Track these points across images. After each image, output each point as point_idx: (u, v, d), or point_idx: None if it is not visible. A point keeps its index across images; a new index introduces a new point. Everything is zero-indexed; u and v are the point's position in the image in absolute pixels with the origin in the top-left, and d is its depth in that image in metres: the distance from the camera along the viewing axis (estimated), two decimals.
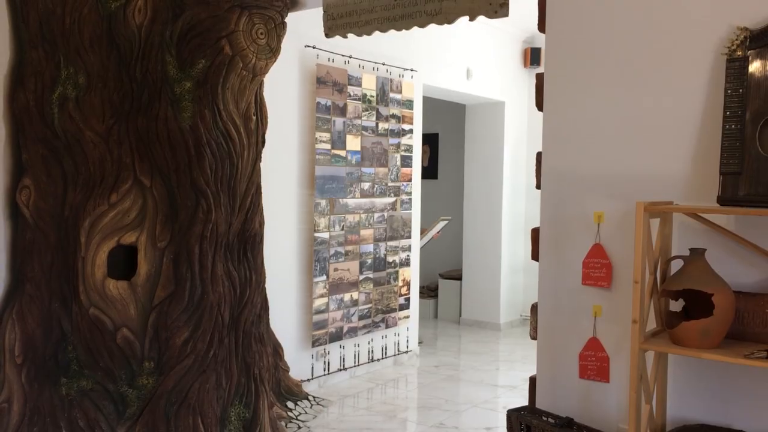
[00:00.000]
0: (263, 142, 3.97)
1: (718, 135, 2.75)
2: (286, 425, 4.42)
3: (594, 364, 3.19)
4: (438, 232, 7.51)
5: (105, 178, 3.59)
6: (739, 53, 2.70)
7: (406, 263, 6.42)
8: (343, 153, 5.67)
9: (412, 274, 6.56)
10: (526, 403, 3.49)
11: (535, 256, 3.45)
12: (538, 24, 3.43)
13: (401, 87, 6.26)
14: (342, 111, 5.64)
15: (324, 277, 5.51)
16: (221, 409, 3.60)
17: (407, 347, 6.55)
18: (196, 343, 3.57)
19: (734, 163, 2.64)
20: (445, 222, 7.49)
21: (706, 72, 2.87)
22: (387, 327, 6.21)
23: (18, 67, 3.71)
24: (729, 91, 2.69)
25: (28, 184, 3.66)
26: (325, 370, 5.64)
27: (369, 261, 5.91)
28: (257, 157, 3.86)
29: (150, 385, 3.56)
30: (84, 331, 3.55)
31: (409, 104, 6.37)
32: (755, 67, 2.67)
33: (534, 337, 3.47)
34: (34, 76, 3.65)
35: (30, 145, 3.67)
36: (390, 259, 6.20)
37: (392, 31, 3.96)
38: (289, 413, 4.68)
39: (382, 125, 6.07)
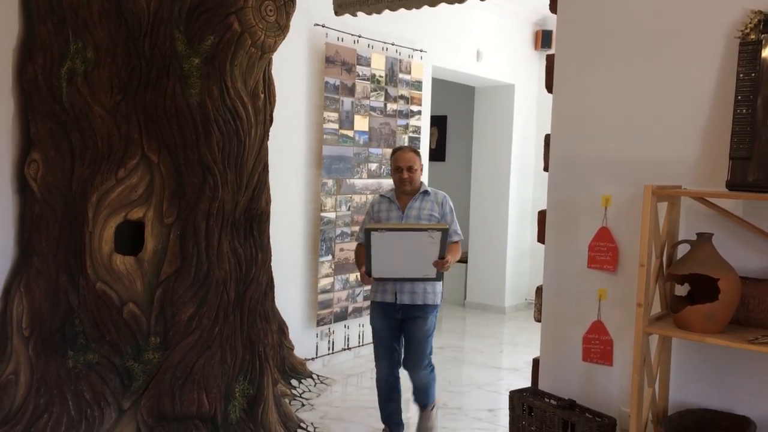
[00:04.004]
0: (271, 121, 3.96)
1: (729, 119, 2.73)
2: (289, 403, 4.46)
3: (597, 347, 3.20)
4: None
5: (113, 153, 3.59)
6: (753, 37, 2.68)
7: None
8: (350, 133, 5.66)
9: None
10: (529, 386, 3.50)
11: (541, 238, 3.45)
12: (550, 4, 3.40)
13: (410, 68, 6.23)
14: (350, 91, 5.62)
15: (330, 257, 5.52)
16: (226, 385, 3.63)
17: None
18: (202, 320, 3.59)
19: (744, 147, 2.62)
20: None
21: (718, 55, 2.85)
22: None
23: (27, 41, 3.70)
24: (741, 75, 2.67)
25: (37, 158, 3.66)
26: (329, 350, 5.67)
27: None
28: (265, 136, 3.86)
29: (155, 360, 3.58)
30: (91, 305, 3.57)
31: (417, 85, 6.34)
32: None
33: (538, 320, 3.48)
34: (42, 50, 3.64)
35: (38, 120, 3.67)
36: None
37: (402, 11, 3.94)
38: (293, 391, 4.72)
39: (391, 106, 6.05)
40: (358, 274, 3.91)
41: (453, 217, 3.85)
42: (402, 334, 3.90)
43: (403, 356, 3.93)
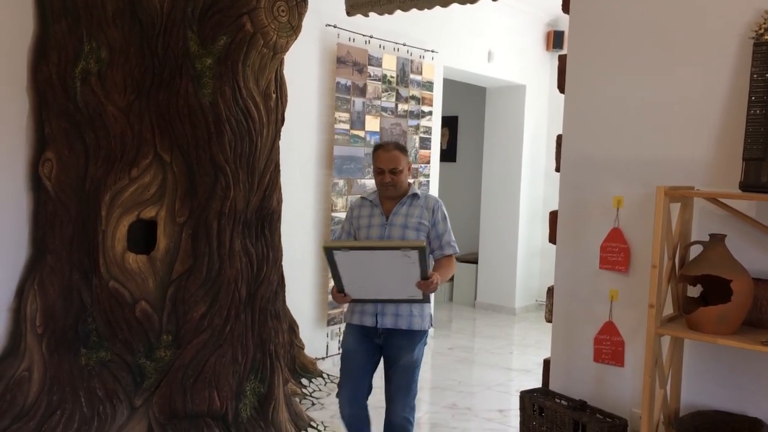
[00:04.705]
0: (282, 121, 3.97)
1: (742, 120, 2.71)
2: (300, 401, 4.47)
3: (609, 348, 3.19)
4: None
5: (126, 152, 3.61)
6: (767, 38, 2.66)
7: None
8: (361, 133, 5.67)
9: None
10: (540, 386, 3.50)
11: (552, 239, 3.44)
12: (562, 5, 3.40)
13: (421, 68, 6.23)
14: (362, 91, 5.63)
15: None
16: (237, 383, 3.64)
17: None
18: (213, 318, 3.60)
19: (758, 148, 2.61)
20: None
21: (732, 56, 2.83)
22: None
23: (41, 41, 3.73)
24: (755, 76, 2.66)
25: (51, 157, 3.69)
26: (339, 349, 5.67)
27: None
28: (276, 135, 3.87)
29: (167, 358, 3.60)
30: (103, 304, 3.60)
31: (429, 86, 6.34)
32: None
33: (549, 320, 3.47)
34: (57, 49, 3.67)
35: (52, 119, 3.70)
36: None
37: (414, 11, 3.94)
38: (304, 390, 4.73)
39: (402, 106, 6.05)
40: None
41: (446, 226, 3.31)
42: (375, 366, 3.31)
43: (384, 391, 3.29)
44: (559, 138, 3.39)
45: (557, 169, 3.41)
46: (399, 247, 2.88)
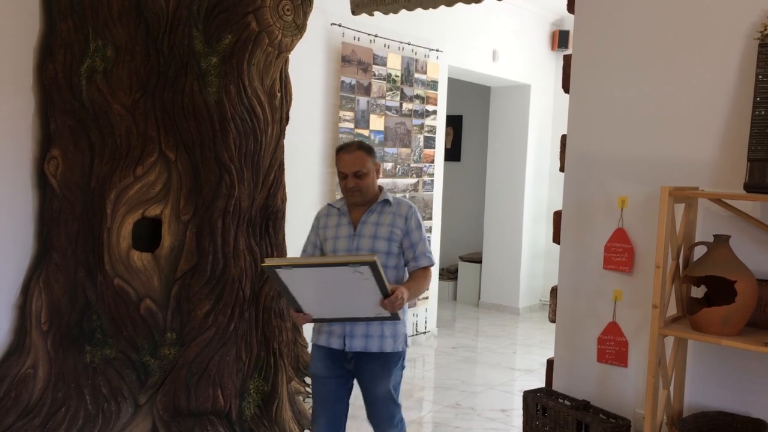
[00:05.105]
0: (287, 119, 3.98)
1: (747, 120, 2.71)
2: (303, 400, 4.48)
3: (612, 348, 3.19)
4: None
5: (131, 150, 3.63)
6: None
7: None
8: (366, 132, 5.67)
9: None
10: (543, 386, 3.50)
11: (556, 239, 3.44)
12: (568, 4, 3.39)
13: (426, 67, 6.23)
14: (366, 90, 5.64)
15: None
16: (241, 381, 3.65)
17: (425, 328, 6.58)
18: (218, 316, 3.61)
19: (762, 149, 2.60)
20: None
21: (737, 56, 2.83)
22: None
23: (48, 39, 3.74)
24: (760, 77, 2.65)
25: (56, 155, 3.71)
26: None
27: None
28: (281, 134, 3.88)
29: (172, 356, 3.62)
30: (108, 301, 3.61)
31: (433, 85, 6.34)
32: None
33: (553, 320, 3.47)
34: (63, 47, 3.69)
35: (58, 116, 3.71)
36: None
37: (419, 10, 3.94)
38: (307, 388, 4.73)
39: (406, 105, 6.05)
40: None
41: (421, 234, 2.94)
42: (350, 391, 3.02)
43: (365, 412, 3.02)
44: (564, 138, 3.39)
45: (561, 169, 3.41)
46: (347, 263, 2.53)
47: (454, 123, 8.70)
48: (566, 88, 3.38)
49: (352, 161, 2.88)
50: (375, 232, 2.89)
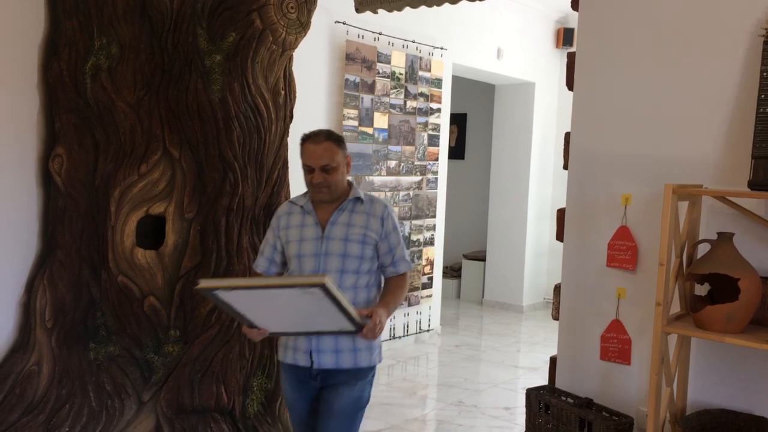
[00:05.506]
0: (291, 117, 3.98)
1: (751, 118, 2.70)
2: None
3: (616, 346, 3.19)
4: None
5: (135, 148, 3.64)
6: None
7: (430, 242, 6.43)
8: (370, 130, 5.67)
9: (436, 253, 6.57)
10: (546, 384, 3.50)
11: (560, 236, 3.44)
12: (572, 2, 3.39)
13: (430, 65, 6.23)
14: (370, 88, 5.64)
15: None
16: (244, 379, 3.66)
17: (429, 326, 6.58)
18: (221, 314, 3.62)
19: (767, 147, 2.60)
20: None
21: (742, 54, 2.82)
22: (409, 305, 6.25)
23: (52, 37, 3.75)
24: (765, 74, 2.64)
25: (61, 153, 3.72)
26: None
27: None
28: (285, 132, 3.88)
29: (175, 353, 3.63)
30: (112, 298, 3.62)
31: (438, 83, 6.34)
32: None
33: (556, 318, 3.47)
34: (68, 46, 3.70)
35: (63, 114, 3.72)
36: (414, 237, 6.21)
37: (423, 8, 3.94)
38: None
39: (410, 103, 6.05)
40: None
41: (398, 238, 2.63)
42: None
43: None
44: (567, 135, 3.38)
45: (565, 167, 3.41)
46: (294, 285, 2.19)
47: (458, 121, 8.70)
48: (570, 85, 3.38)
49: (319, 153, 2.52)
50: (346, 234, 2.55)
